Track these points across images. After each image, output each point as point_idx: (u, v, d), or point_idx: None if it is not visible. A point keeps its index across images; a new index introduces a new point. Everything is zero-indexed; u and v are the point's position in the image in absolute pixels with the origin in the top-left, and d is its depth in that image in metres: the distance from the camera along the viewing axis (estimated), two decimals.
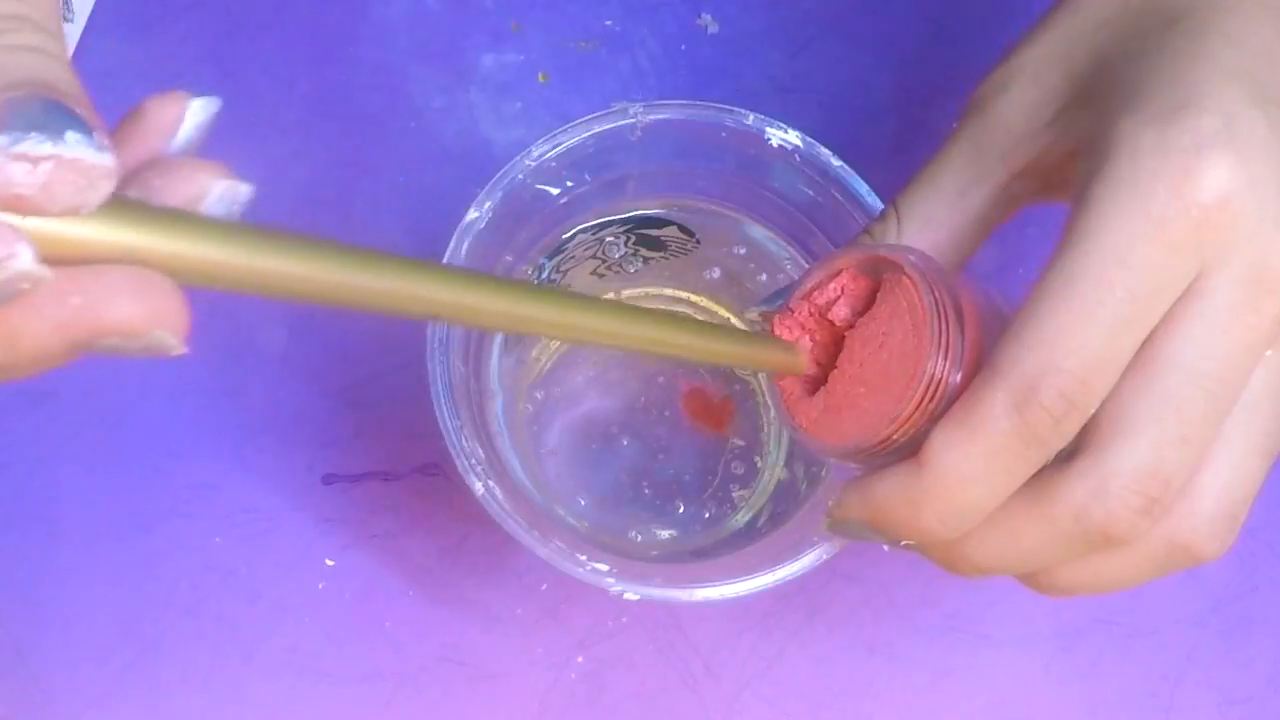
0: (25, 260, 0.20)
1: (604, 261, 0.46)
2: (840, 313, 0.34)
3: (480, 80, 0.51)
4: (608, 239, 0.45)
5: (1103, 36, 0.32)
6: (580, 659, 0.47)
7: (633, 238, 0.45)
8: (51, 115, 0.21)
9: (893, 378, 0.31)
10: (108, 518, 0.47)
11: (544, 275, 0.45)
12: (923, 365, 0.31)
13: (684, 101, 0.41)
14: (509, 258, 0.43)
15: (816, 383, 0.34)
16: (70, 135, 0.20)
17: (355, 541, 0.47)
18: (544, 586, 0.47)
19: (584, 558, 0.38)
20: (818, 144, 0.41)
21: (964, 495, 0.30)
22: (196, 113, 0.24)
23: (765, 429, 0.45)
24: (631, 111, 0.41)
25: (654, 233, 0.46)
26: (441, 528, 0.47)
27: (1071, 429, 0.29)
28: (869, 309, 0.33)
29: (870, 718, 0.47)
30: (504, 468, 0.42)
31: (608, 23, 0.52)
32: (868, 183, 0.41)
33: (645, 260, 0.46)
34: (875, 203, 0.40)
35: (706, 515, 0.45)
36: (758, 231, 0.46)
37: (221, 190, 0.24)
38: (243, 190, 0.24)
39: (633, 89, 0.52)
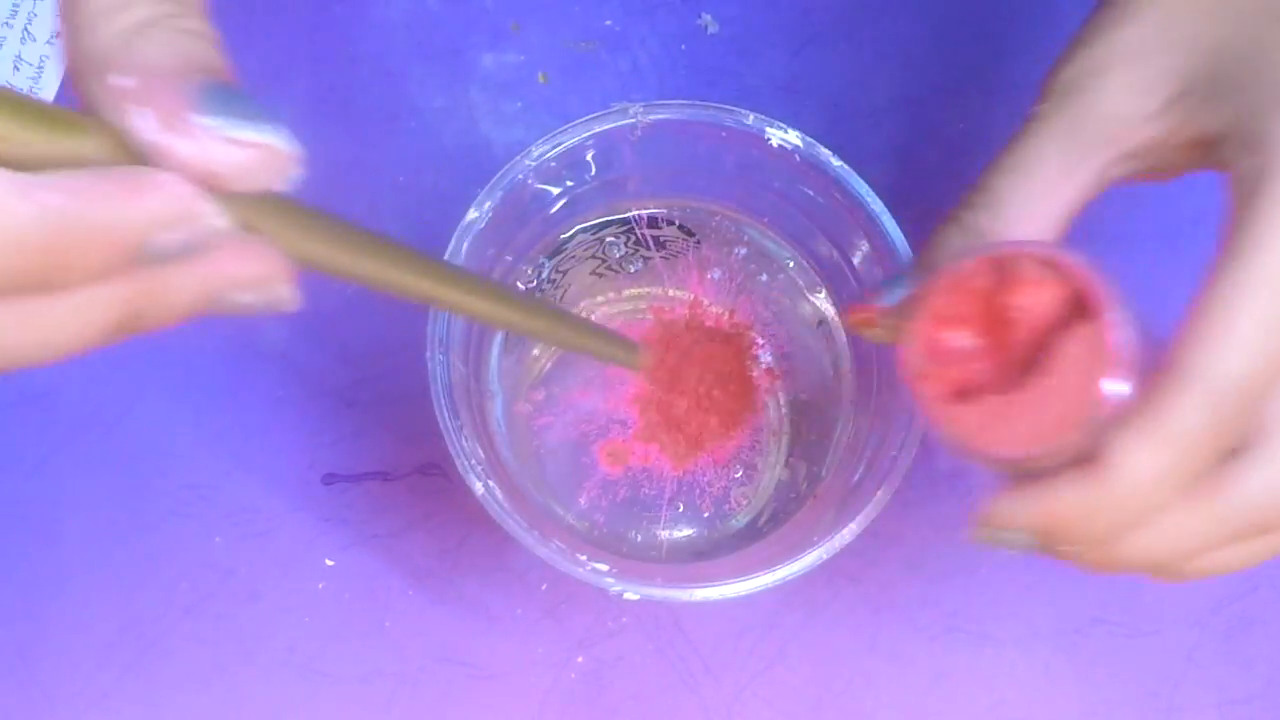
0: (220, 219, 0.23)
1: (604, 261, 0.46)
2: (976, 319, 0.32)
3: (480, 80, 0.51)
4: (608, 239, 0.45)
5: (1217, 23, 0.32)
6: (580, 659, 0.47)
7: (633, 238, 0.46)
8: (242, 102, 0.23)
9: (1068, 385, 0.30)
10: (108, 518, 0.47)
11: (544, 275, 0.45)
12: (1108, 372, 0.30)
13: (684, 101, 0.41)
14: (509, 257, 0.43)
15: (959, 386, 0.32)
16: (270, 125, 0.23)
17: (355, 541, 0.47)
18: (544, 586, 0.47)
19: (584, 558, 0.38)
20: (818, 144, 0.41)
21: (1150, 499, 0.30)
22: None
23: (766, 429, 0.45)
24: (631, 111, 0.41)
25: (654, 233, 0.46)
26: (441, 528, 0.47)
27: (1252, 425, 0.30)
28: (1003, 312, 0.32)
29: (870, 718, 0.47)
30: (504, 468, 0.42)
31: (608, 23, 0.52)
32: (868, 183, 0.41)
33: (645, 260, 0.46)
34: (875, 203, 0.40)
35: (706, 515, 0.45)
36: (758, 231, 0.46)
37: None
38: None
39: (633, 89, 0.52)
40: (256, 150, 0.23)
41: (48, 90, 0.50)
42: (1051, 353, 0.30)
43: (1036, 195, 0.33)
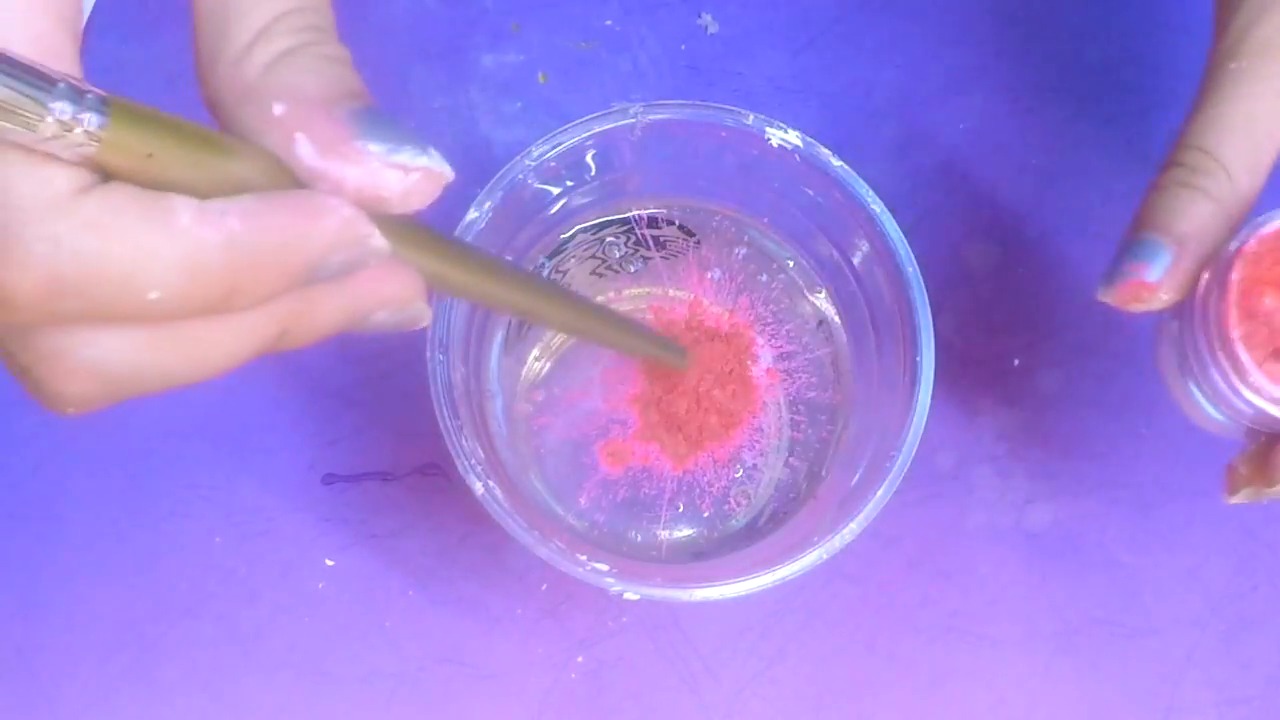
0: (380, 240, 0.24)
1: (604, 261, 0.46)
2: None
3: (480, 80, 0.51)
4: (608, 239, 0.45)
5: None
6: (580, 659, 0.47)
7: (633, 238, 0.46)
8: (395, 127, 0.24)
9: None
10: (108, 518, 0.47)
11: (544, 275, 0.45)
12: None
13: (684, 101, 0.41)
14: (509, 257, 0.43)
15: (1275, 347, 0.32)
16: (425, 149, 0.24)
17: (355, 541, 0.47)
18: (544, 586, 0.47)
19: (584, 558, 0.38)
20: (818, 144, 0.41)
21: None
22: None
23: (766, 429, 0.45)
24: (631, 111, 0.41)
25: (654, 233, 0.46)
26: (441, 528, 0.47)
27: None
28: None
29: (870, 718, 0.47)
30: (504, 468, 0.42)
31: (608, 23, 0.52)
32: (868, 183, 0.41)
33: (645, 260, 0.46)
34: (875, 203, 0.40)
35: (706, 515, 0.45)
36: (758, 231, 0.46)
37: None
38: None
39: (633, 89, 0.52)
40: (419, 174, 0.24)
41: None
42: None
43: (1262, 153, 0.33)
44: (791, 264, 0.46)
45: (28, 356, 0.23)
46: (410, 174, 0.24)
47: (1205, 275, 0.33)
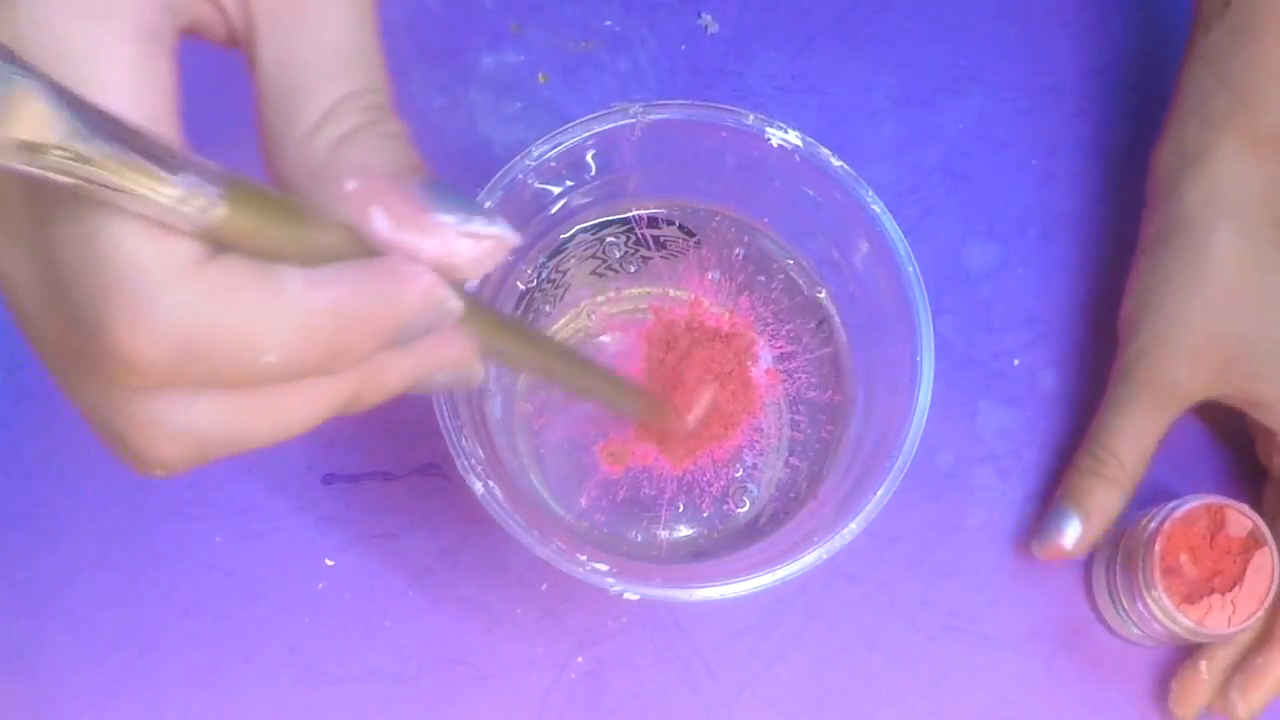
0: (456, 302, 0.25)
1: (604, 261, 0.46)
2: None
3: (480, 80, 0.51)
4: (608, 239, 0.45)
5: (1235, 316, 0.45)
6: (580, 659, 0.47)
7: (633, 238, 0.46)
8: (460, 197, 0.25)
9: (1256, 588, 0.45)
10: (108, 518, 0.47)
11: (544, 275, 0.45)
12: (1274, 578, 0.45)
13: (684, 101, 0.41)
14: (509, 257, 0.43)
15: (1187, 590, 0.45)
16: (496, 218, 0.25)
17: (355, 541, 0.47)
18: (544, 586, 0.47)
19: (584, 558, 0.38)
20: (818, 144, 0.41)
21: None
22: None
23: (766, 429, 0.45)
24: (631, 111, 0.41)
25: (654, 233, 0.46)
26: (441, 528, 0.47)
27: None
28: None
29: (870, 718, 0.47)
30: (504, 468, 0.42)
31: (608, 23, 0.52)
32: (868, 183, 0.41)
33: (645, 260, 0.46)
34: (876, 203, 0.40)
35: (706, 515, 0.45)
36: (758, 231, 0.46)
37: None
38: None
39: (633, 89, 0.52)
40: (490, 241, 0.25)
41: None
42: (1243, 565, 0.45)
43: (1146, 452, 0.46)
44: (791, 264, 0.46)
45: (123, 422, 0.25)
46: (482, 241, 0.25)
47: (1129, 544, 0.46)
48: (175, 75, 0.24)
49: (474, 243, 0.25)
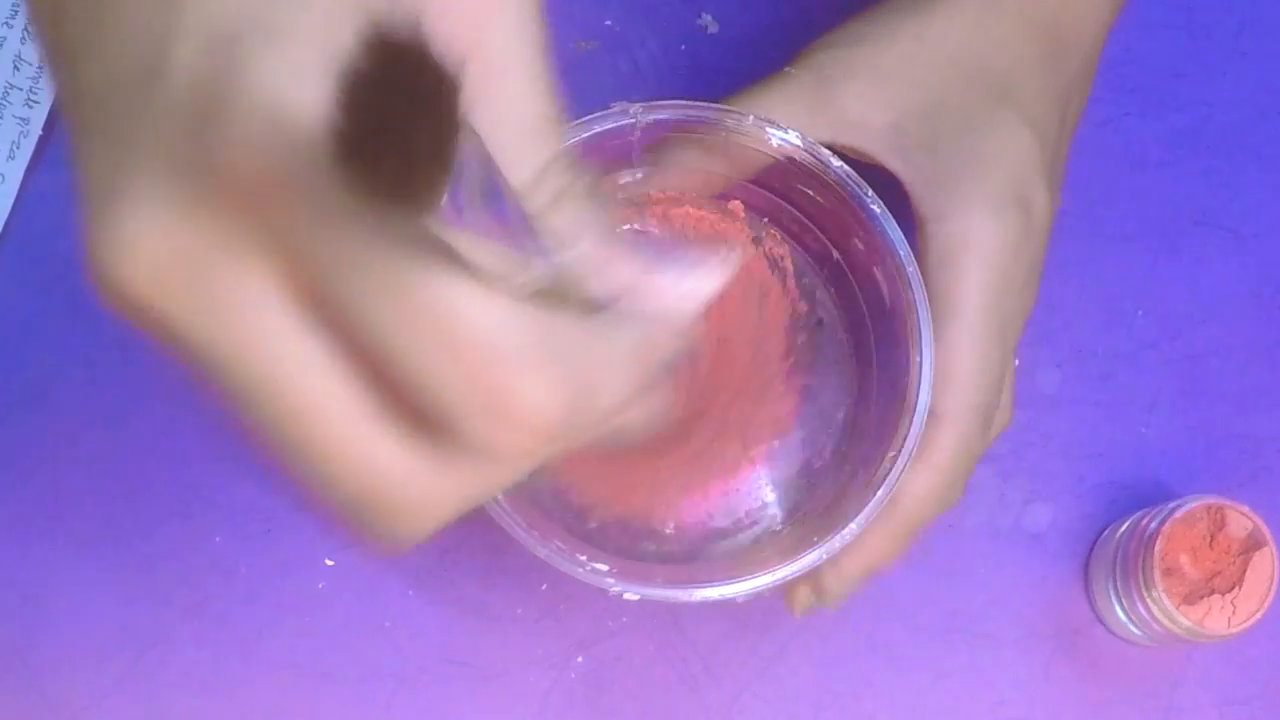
0: (681, 343, 0.27)
1: None
2: None
3: None
4: None
5: (922, 82, 0.41)
6: (580, 659, 0.47)
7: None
8: (679, 260, 0.27)
9: (1256, 590, 0.46)
10: (108, 518, 0.47)
11: None
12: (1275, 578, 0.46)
13: (684, 101, 0.41)
14: None
15: (1187, 590, 0.46)
16: (711, 269, 0.27)
17: (355, 541, 0.47)
18: (544, 586, 0.47)
19: (584, 558, 0.38)
20: (818, 144, 0.41)
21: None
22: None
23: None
24: (631, 111, 0.41)
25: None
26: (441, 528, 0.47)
27: None
28: None
29: (870, 718, 0.47)
30: None
31: (607, 23, 0.52)
32: (868, 183, 0.41)
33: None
34: (875, 203, 0.40)
35: (707, 515, 0.45)
36: (758, 232, 0.46)
37: None
38: None
39: (633, 89, 0.52)
40: (707, 287, 0.27)
41: (47, 90, 0.50)
42: (1243, 566, 0.45)
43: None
44: (792, 264, 0.46)
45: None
46: (700, 289, 0.27)
47: (1129, 545, 0.46)
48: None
49: (695, 290, 0.27)
